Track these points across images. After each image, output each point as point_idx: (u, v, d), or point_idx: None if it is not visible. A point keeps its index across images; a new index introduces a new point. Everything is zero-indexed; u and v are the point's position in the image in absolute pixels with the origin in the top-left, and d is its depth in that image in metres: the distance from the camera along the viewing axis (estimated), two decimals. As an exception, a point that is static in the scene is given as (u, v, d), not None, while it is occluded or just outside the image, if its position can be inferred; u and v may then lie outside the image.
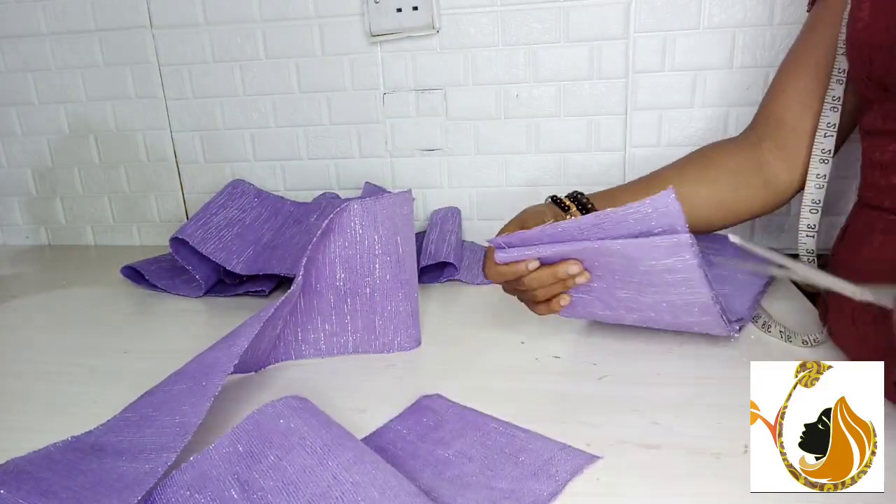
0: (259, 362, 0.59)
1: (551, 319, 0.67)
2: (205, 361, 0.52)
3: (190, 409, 0.47)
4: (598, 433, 0.47)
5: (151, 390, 0.52)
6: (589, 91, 0.84)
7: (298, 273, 0.57)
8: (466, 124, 0.88)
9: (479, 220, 0.92)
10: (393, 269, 0.60)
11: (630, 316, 0.57)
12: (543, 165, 0.88)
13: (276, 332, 0.59)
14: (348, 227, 0.59)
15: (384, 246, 0.60)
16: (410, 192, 0.63)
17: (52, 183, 1.01)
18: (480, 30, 0.84)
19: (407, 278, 0.61)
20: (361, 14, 0.85)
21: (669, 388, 0.53)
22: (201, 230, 0.79)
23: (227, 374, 0.49)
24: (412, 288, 0.63)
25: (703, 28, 0.79)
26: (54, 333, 0.71)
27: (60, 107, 0.97)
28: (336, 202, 0.86)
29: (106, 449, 0.46)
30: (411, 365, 0.59)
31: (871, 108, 0.54)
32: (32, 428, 0.52)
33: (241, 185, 0.88)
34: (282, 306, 0.55)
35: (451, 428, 0.49)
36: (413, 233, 0.64)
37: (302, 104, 0.91)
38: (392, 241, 0.60)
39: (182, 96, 0.93)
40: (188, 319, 0.72)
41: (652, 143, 0.84)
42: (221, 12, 0.88)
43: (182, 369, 0.53)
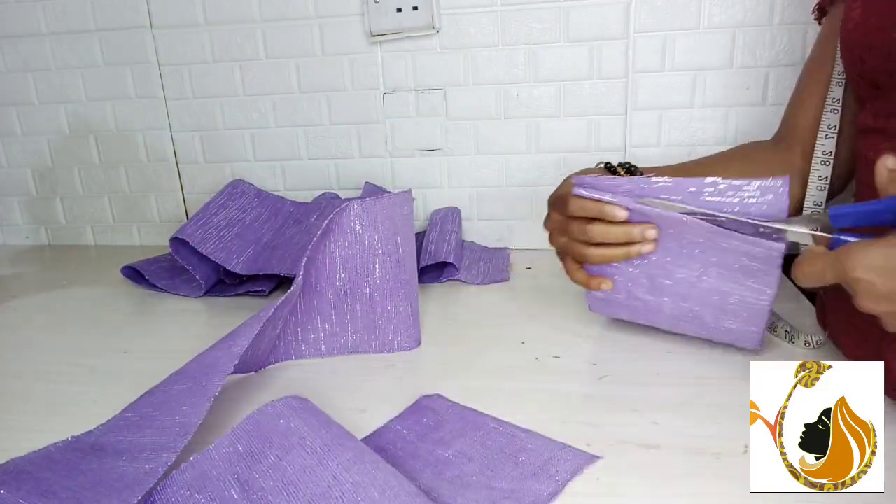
0: (259, 362, 0.59)
1: (551, 319, 0.67)
2: (205, 361, 0.52)
3: (190, 409, 0.47)
4: (598, 433, 0.47)
5: (151, 390, 0.52)
6: (589, 91, 0.84)
7: (298, 273, 0.57)
8: (466, 124, 0.88)
9: (479, 220, 0.92)
10: (393, 268, 0.60)
11: (666, 310, 0.56)
12: (543, 165, 0.88)
13: (276, 332, 0.59)
14: (348, 227, 0.59)
15: (384, 246, 0.60)
16: (410, 192, 0.63)
17: (52, 183, 1.01)
18: (480, 30, 0.84)
19: (407, 278, 0.61)
20: (361, 14, 0.85)
21: (669, 388, 0.53)
22: (201, 230, 0.79)
23: (228, 374, 0.49)
24: (412, 288, 0.63)
25: (703, 28, 0.79)
26: (54, 333, 0.71)
27: (60, 107, 0.97)
28: (336, 202, 0.86)
29: (106, 449, 0.46)
30: (411, 365, 0.60)
31: (864, 107, 0.55)
32: (32, 428, 0.52)
33: (241, 185, 0.88)
34: (282, 306, 0.55)
35: (451, 428, 0.49)
36: (413, 233, 0.64)
37: (302, 104, 0.91)
38: (392, 240, 0.60)
39: (182, 96, 0.94)
40: (188, 319, 0.72)
41: (652, 143, 0.84)
42: (221, 12, 0.88)
43: (182, 369, 0.53)
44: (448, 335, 0.65)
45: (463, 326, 0.67)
